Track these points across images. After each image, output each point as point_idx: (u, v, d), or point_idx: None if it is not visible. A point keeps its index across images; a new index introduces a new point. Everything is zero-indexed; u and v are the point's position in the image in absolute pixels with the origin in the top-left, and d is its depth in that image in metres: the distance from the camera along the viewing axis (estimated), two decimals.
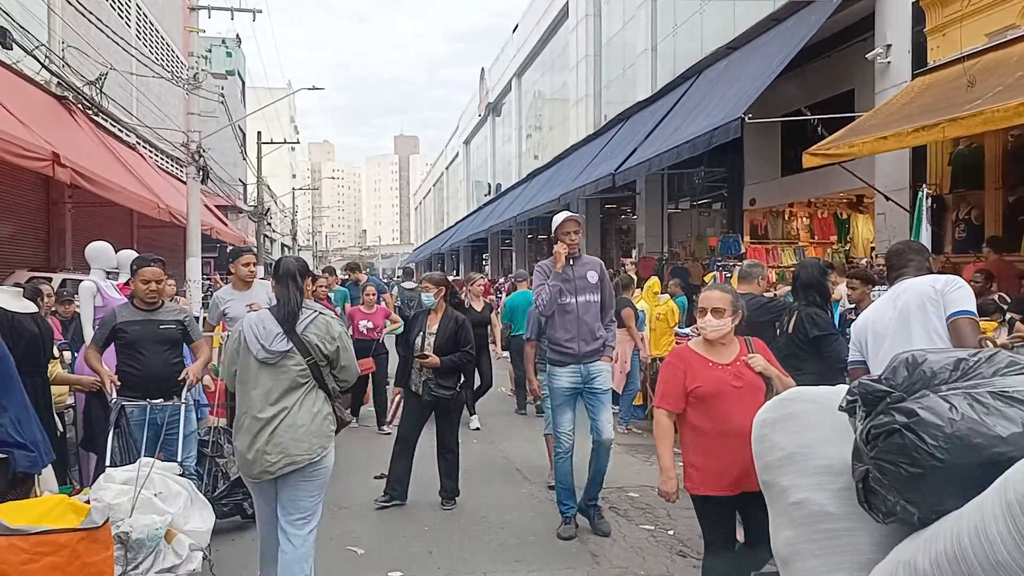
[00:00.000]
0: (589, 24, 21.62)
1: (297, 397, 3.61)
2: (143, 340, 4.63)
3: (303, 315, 3.66)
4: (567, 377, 5.33)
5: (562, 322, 5.35)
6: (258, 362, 3.61)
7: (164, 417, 4.44)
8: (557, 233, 5.35)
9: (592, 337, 5.36)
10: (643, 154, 12.50)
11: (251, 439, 3.57)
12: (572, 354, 5.31)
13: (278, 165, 59.72)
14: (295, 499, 3.64)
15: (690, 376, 3.49)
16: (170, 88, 19.37)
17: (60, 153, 9.42)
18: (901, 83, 9.21)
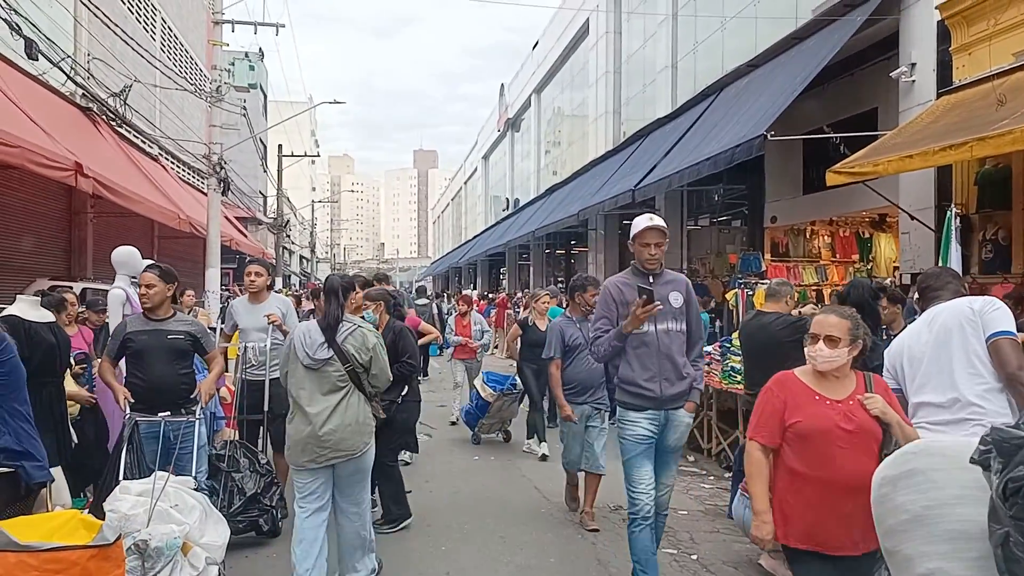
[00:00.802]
0: (609, 41, 21.63)
1: (338, 398, 4.16)
2: (150, 350, 4.56)
3: (343, 327, 4.21)
4: (644, 423, 4.26)
5: (638, 357, 4.24)
6: (304, 367, 4.17)
7: (174, 431, 4.41)
8: (635, 242, 4.36)
9: (677, 376, 4.27)
10: (663, 171, 12.44)
11: (300, 431, 4.16)
12: (652, 397, 4.22)
13: (298, 178, 60.19)
14: (348, 486, 4.32)
15: (791, 408, 3.02)
16: (193, 100, 19.56)
17: (83, 163, 9.49)
18: (926, 102, 9.10)
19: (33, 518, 2.75)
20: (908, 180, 9.38)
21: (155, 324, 4.67)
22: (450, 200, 68.38)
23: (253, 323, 5.83)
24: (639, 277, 4.35)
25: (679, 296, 4.33)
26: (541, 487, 6.92)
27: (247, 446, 5.18)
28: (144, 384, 4.52)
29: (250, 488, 4.86)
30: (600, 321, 4.40)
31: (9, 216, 11.89)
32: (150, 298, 4.61)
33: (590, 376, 5.86)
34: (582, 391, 5.85)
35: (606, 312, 4.37)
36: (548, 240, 26.53)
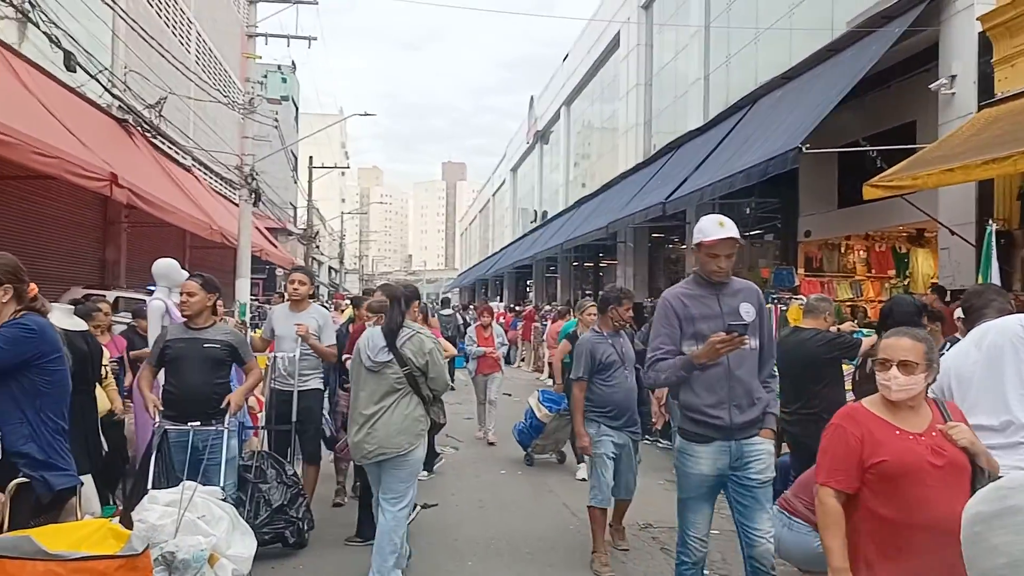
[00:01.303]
0: (640, 54, 21.56)
1: (394, 399, 4.43)
2: (185, 358, 4.55)
3: (403, 333, 4.47)
4: (710, 459, 3.69)
5: (703, 379, 3.67)
6: (366, 369, 4.48)
7: (202, 440, 4.36)
8: (701, 251, 3.74)
9: (749, 401, 3.69)
10: (695, 183, 12.32)
11: (357, 429, 4.45)
12: (720, 426, 3.66)
13: (328, 189, 60.73)
14: (388, 482, 4.48)
15: (870, 446, 2.65)
16: (226, 112, 19.79)
17: (118, 174, 9.60)
18: (966, 115, 8.91)
19: (62, 526, 2.73)
20: (948, 194, 9.18)
21: (193, 332, 4.65)
22: (478, 212, 68.54)
23: (290, 331, 5.77)
24: (703, 288, 3.77)
25: (751, 309, 3.75)
26: (569, 503, 6.80)
27: (275, 457, 5.12)
28: (177, 392, 4.51)
29: (276, 500, 4.81)
30: (660, 340, 3.76)
31: (47, 225, 12.07)
32: (190, 306, 4.61)
33: (628, 398, 5.30)
34: (618, 415, 5.24)
35: (667, 330, 3.75)
36: (576, 253, 26.44)
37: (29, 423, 2.87)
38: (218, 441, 4.40)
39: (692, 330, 3.68)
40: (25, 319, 2.93)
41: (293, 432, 5.57)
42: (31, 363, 2.89)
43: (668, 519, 6.06)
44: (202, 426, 4.35)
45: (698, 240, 3.72)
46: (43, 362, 2.93)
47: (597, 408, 5.26)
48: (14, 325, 2.91)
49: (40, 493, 2.81)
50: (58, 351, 3.01)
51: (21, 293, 2.99)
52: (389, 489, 4.48)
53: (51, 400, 2.96)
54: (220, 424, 4.43)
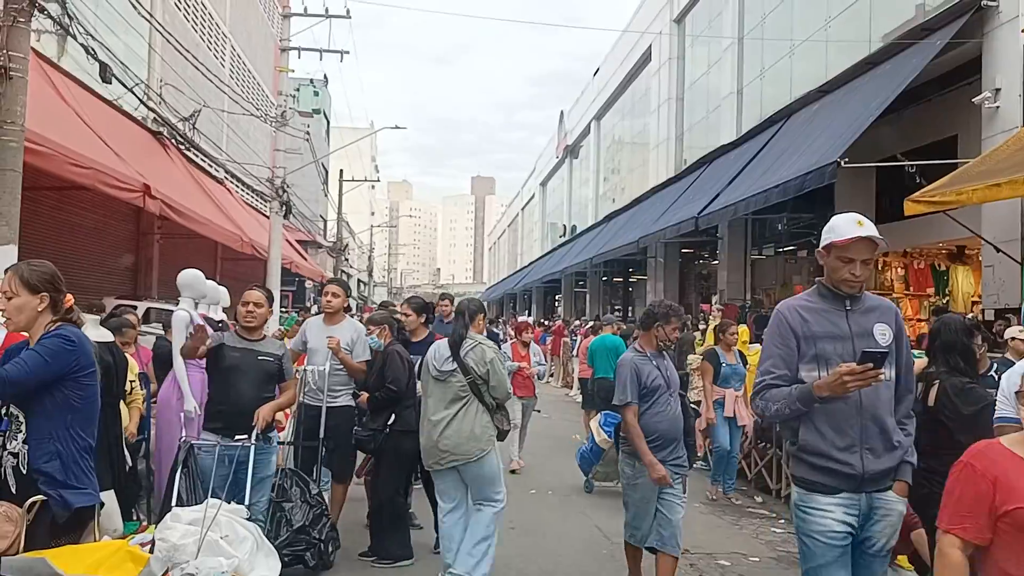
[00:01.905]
0: (672, 68, 21.43)
1: (460, 407, 4.67)
2: (241, 368, 4.43)
3: (466, 344, 4.73)
4: (838, 514, 2.95)
5: (829, 416, 2.96)
6: (432, 378, 4.76)
7: (230, 456, 4.25)
8: (831, 254, 3.04)
9: (885, 445, 2.99)
10: (728, 198, 12.14)
11: (427, 437, 4.72)
12: (850, 475, 2.95)
13: (358, 202, 61.18)
14: (476, 490, 4.78)
15: (1004, 490, 2.15)
16: (258, 125, 19.99)
17: (151, 185, 9.68)
18: (1011, 129, 8.65)
19: (80, 548, 2.63)
20: (992, 210, 8.91)
21: (248, 343, 4.53)
22: (507, 226, 68.60)
23: (322, 344, 5.59)
24: (830, 301, 3.07)
25: (887, 331, 3.05)
26: (602, 525, 6.58)
27: (299, 475, 4.93)
28: (228, 404, 4.37)
29: (298, 520, 4.62)
30: (771, 362, 3.08)
31: (80, 236, 12.21)
32: (257, 317, 4.53)
33: (674, 427, 4.68)
34: (663, 446, 4.62)
35: (781, 350, 3.05)
36: (605, 267, 26.27)
37: (57, 440, 2.77)
38: (246, 457, 4.27)
39: (813, 351, 3.02)
40: (64, 330, 2.86)
41: (320, 449, 5.40)
42: (67, 376, 2.81)
43: (705, 544, 5.88)
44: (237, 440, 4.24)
45: (828, 241, 3.05)
46: (80, 376, 2.84)
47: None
48: (55, 336, 2.82)
49: (56, 512, 2.71)
50: (93, 365, 2.93)
51: (57, 303, 2.92)
52: (477, 495, 4.78)
53: (82, 416, 2.87)
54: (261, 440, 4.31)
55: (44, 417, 2.80)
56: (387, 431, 5.34)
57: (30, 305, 2.85)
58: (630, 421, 4.58)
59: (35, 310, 2.86)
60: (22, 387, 2.73)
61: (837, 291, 3.06)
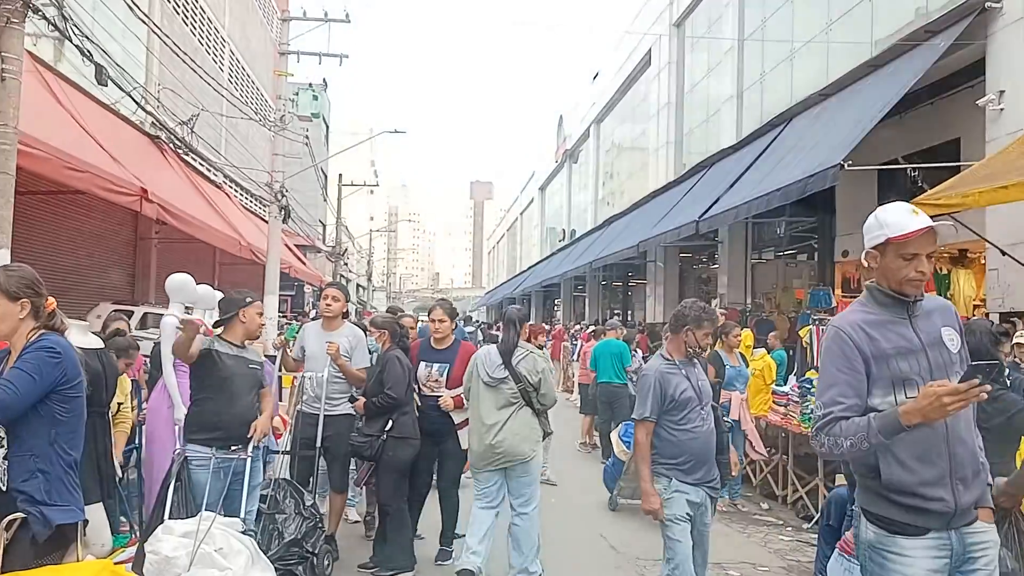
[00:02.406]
0: (672, 72, 21.37)
1: (511, 412, 4.92)
2: (237, 377, 4.28)
3: (518, 352, 4.99)
4: (930, 558, 2.53)
5: (912, 444, 2.52)
6: (484, 384, 4.97)
7: (224, 468, 4.12)
8: (891, 254, 2.64)
9: (974, 470, 2.60)
10: (729, 202, 12.05)
11: (479, 440, 4.96)
12: (940, 512, 2.52)
13: (357, 207, 61.13)
14: (518, 487, 5.00)
15: None
16: (257, 129, 19.92)
17: (148, 189, 9.61)
18: (1016, 131, 8.57)
19: (61, 569, 2.47)
20: (997, 214, 8.83)
21: (238, 351, 4.40)
22: (505, 231, 68.52)
23: (321, 350, 5.42)
24: (889, 309, 2.65)
25: (954, 335, 2.68)
26: (608, 534, 6.45)
27: (294, 485, 4.72)
28: (226, 414, 4.20)
29: (290, 533, 4.42)
30: (837, 391, 2.58)
31: (78, 240, 12.11)
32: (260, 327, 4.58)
33: (707, 446, 4.15)
34: (695, 467, 4.07)
35: (849, 376, 2.58)
36: (605, 272, 26.17)
37: (39, 457, 2.62)
38: (242, 469, 4.16)
39: (887, 373, 2.56)
40: (47, 340, 2.71)
41: (317, 459, 5.24)
42: (53, 390, 2.66)
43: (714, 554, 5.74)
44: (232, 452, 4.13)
45: (882, 238, 2.62)
46: (65, 388, 2.69)
47: (668, 459, 4.12)
48: (38, 348, 2.67)
49: (37, 530, 2.56)
50: (79, 375, 2.77)
51: (39, 308, 2.76)
52: (519, 494, 5.01)
53: (67, 429, 2.70)
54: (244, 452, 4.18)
55: (28, 433, 2.64)
56: (384, 437, 5.23)
57: (11, 313, 2.70)
58: (640, 439, 4.13)
59: (16, 318, 2.71)
60: (14, 412, 2.59)
61: (899, 295, 2.63)
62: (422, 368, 5.48)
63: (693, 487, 4.08)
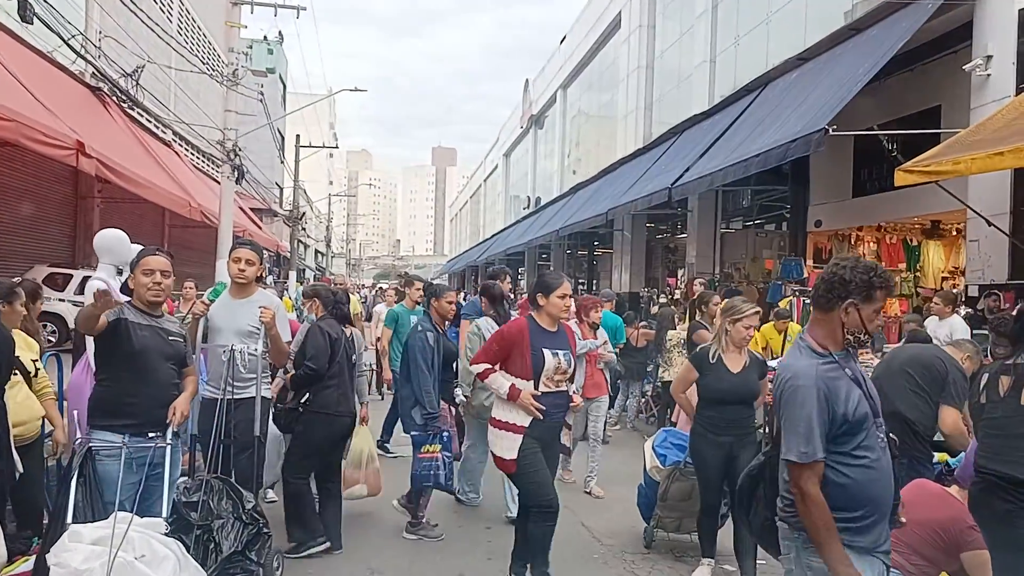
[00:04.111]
0: (642, 35, 20.83)
1: None
2: (152, 351, 3.55)
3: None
4: None
5: None
6: None
7: (139, 459, 3.44)
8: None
9: None
10: (703, 168, 11.65)
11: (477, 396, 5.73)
12: None
13: (315, 171, 59.74)
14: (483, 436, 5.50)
15: None
16: (209, 85, 18.95)
17: (85, 142, 8.88)
18: (1003, 97, 8.28)
19: None
20: (980, 183, 8.56)
21: (152, 319, 3.64)
22: (468, 198, 67.73)
23: (232, 323, 4.40)
24: None
25: None
26: (589, 523, 5.86)
27: (231, 485, 3.81)
28: (143, 395, 3.49)
29: (228, 545, 3.56)
30: None
31: (9, 198, 11.29)
32: (165, 290, 3.67)
33: (888, 485, 2.61)
34: (875, 522, 2.56)
35: None
36: (570, 240, 25.77)
37: None
38: (167, 458, 3.48)
39: None
40: None
41: (257, 450, 4.27)
42: None
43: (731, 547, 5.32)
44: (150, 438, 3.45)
45: None
46: None
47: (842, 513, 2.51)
48: None
49: None
50: None
51: None
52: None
53: None
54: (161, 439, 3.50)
55: None
56: (300, 410, 4.88)
57: None
58: (811, 491, 2.47)
59: None
60: None
61: None
62: (549, 358, 4.17)
63: (869, 555, 2.54)
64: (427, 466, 5.17)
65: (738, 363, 4.60)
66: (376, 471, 5.59)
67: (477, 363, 4.29)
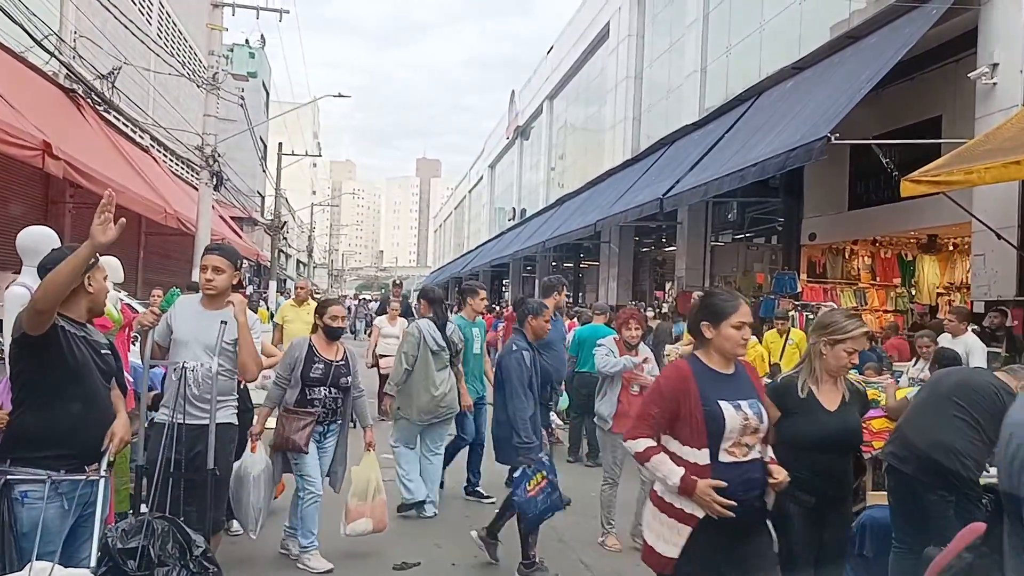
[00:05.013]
0: (631, 44, 20.60)
1: (447, 374, 6.19)
2: (88, 367, 3.00)
3: (449, 326, 6.31)
4: None
5: None
6: (431, 351, 6.08)
7: (68, 496, 2.87)
8: None
9: None
10: (696, 178, 11.34)
11: (430, 398, 6.07)
12: None
13: (298, 180, 59.17)
14: (433, 435, 6.36)
15: None
16: (190, 90, 18.48)
17: (52, 143, 8.41)
18: (1011, 107, 8.03)
19: None
20: (986, 196, 8.29)
21: (81, 329, 3.07)
22: (453, 209, 67.36)
23: (200, 334, 3.82)
24: None
25: None
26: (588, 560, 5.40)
27: (178, 527, 3.11)
28: (84, 421, 2.95)
29: None
30: None
31: None
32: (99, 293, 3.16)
33: None
34: None
35: None
36: (556, 253, 25.45)
37: None
38: (100, 493, 2.92)
39: None
40: None
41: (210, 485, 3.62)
42: None
43: None
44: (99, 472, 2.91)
45: None
46: None
47: None
48: None
49: None
50: None
51: None
52: (430, 440, 6.34)
53: None
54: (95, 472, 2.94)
55: None
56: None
57: None
58: None
59: None
60: None
61: None
62: (730, 414, 2.91)
63: None
64: (541, 500, 4.62)
65: (835, 398, 3.46)
66: (383, 503, 5.14)
67: (634, 438, 2.98)
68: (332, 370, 4.94)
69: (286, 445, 4.78)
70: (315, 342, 5.05)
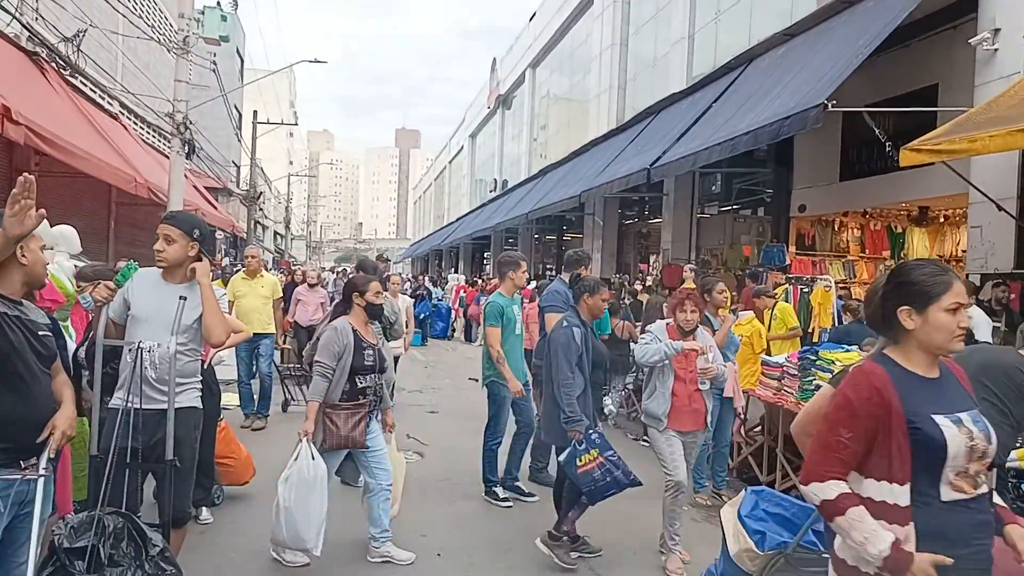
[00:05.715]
0: (616, 11, 20.14)
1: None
2: (23, 351, 2.70)
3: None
4: None
5: None
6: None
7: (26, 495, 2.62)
8: None
9: None
10: (685, 148, 11.04)
11: None
12: None
13: (275, 150, 58.16)
14: None
15: None
16: (160, 57, 17.83)
17: (12, 108, 7.96)
18: (1012, 74, 7.79)
19: None
20: (985, 166, 8.08)
21: (15, 307, 2.77)
22: (432, 180, 66.64)
23: (159, 311, 3.42)
24: None
25: None
26: None
27: (133, 523, 2.84)
28: (21, 414, 2.68)
29: None
30: None
31: None
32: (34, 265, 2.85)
33: None
34: None
35: None
36: (539, 225, 25.13)
37: None
38: (38, 491, 2.64)
39: None
40: None
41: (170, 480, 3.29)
42: None
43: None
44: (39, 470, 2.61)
45: None
46: None
47: None
48: None
49: None
50: None
51: None
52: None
53: None
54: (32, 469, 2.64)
55: None
56: None
57: None
58: None
59: None
60: None
61: None
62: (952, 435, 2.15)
63: None
64: (599, 476, 4.36)
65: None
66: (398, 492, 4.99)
67: (821, 479, 2.17)
68: (378, 355, 4.61)
69: (346, 444, 4.42)
70: (356, 325, 4.60)
